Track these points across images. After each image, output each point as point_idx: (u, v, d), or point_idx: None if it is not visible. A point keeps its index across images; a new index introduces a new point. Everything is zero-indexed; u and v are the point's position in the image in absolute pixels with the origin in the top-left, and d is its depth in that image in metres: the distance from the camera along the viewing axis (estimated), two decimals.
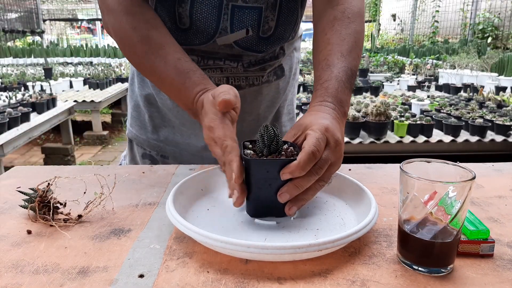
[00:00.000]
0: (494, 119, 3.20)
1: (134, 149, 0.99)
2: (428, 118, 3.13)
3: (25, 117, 3.30)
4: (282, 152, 0.57)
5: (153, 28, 0.71)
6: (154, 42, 0.70)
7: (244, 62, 0.84)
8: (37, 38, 10.49)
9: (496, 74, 5.25)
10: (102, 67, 6.35)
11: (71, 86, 5.57)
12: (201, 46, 0.81)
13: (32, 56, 8.29)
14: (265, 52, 0.85)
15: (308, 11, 0.86)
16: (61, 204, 0.62)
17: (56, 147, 4.18)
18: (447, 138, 3.03)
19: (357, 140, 3.01)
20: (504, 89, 4.55)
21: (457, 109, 3.54)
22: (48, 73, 5.77)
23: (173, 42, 0.71)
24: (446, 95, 4.63)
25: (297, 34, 0.92)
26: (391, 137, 3.05)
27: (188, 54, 0.82)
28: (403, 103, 3.80)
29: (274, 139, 0.56)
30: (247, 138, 0.92)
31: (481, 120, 3.10)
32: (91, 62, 7.60)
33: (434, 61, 6.67)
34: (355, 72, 0.68)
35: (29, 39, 9.95)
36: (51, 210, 0.59)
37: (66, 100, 4.45)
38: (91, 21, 12.96)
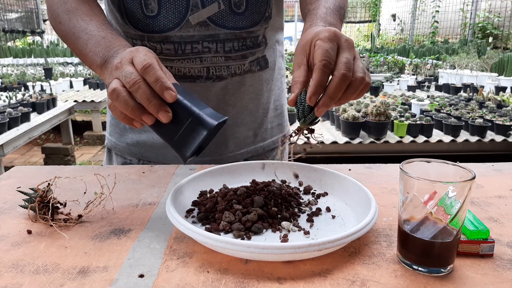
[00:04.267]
0: (494, 119, 3.21)
1: (113, 159, 0.97)
2: (428, 118, 3.14)
3: (25, 117, 3.30)
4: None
5: (85, 3, 0.74)
6: (81, 12, 0.72)
7: (226, 45, 0.83)
8: (37, 38, 10.49)
9: (496, 74, 5.25)
10: None
11: (71, 86, 5.57)
12: (175, 31, 0.80)
13: (32, 56, 8.29)
14: (243, 29, 0.83)
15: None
16: (61, 204, 0.62)
17: (56, 147, 4.18)
18: (447, 138, 3.04)
19: (357, 140, 3.01)
20: (504, 89, 4.56)
21: (457, 109, 3.55)
22: (48, 73, 5.78)
23: (100, 16, 0.72)
24: (446, 95, 4.63)
25: (276, 18, 0.91)
26: (391, 137, 3.05)
27: (164, 44, 0.81)
28: (403, 103, 3.80)
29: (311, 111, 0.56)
30: (231, 132, 0.91)
31: (481, 120, 3.10)
32: None
33: (434, 61, 6.67)
34: (343, 7, 0.73)
35: (29, 39, 9.95)
36: (51, 210, 0.59)
37: (66, 100, 4.46)
38: None
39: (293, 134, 0.60)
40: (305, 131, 0.60)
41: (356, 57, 0.57)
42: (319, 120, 0.59)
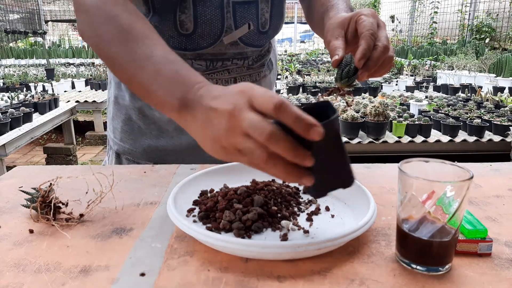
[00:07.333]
0: (492, 119, 3.21)
1: (123, 163, 0.97)
2: (426, 118, 3.14)
3: (27, 117, 3.30)
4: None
5: (138, 19, 0.62)
6: (138, 31, 0.60)
7: (249, 59, 0.89)
8: (39, 39, 10.46)
9: (494, 75, 5.26)
10: (104, 68, 6.34)
11: (73, 87, 5.57)
12: (208, 49, 0.83)
13: (34, 57, 8.26)
14: (264, 46, 0.90)
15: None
16: (63, 203, 0.63)
17: (58, 147, 4.18)
18: (445, 138, 3.04)
19: (356, 140, 3.01)
20: (502, 89, 4.56)
21: (455, 110, 3.54)
22: (50, 74, 5.77)
23: (159, 36, 0.61)
24: (444, 95, 4.63)
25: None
26: (390, 137, 3.05)
27: (195, 60, 0.84)
28: (401, 104, 3.80)
29: (349, 64, 0.62)
30: None
31: (479, 120, 3.10)
32: (92, 63, 7.56)
33: (432, 62, 6.67)
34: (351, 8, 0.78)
35: (31, 40, 9.92)
36: (53, 210, 0.60)
37: (68, 101, 4.46)
38: None
39: (333, 92, 0.67)
40: (344, 90, 0.66)
41: None
42: (355, 84, 0.66)
